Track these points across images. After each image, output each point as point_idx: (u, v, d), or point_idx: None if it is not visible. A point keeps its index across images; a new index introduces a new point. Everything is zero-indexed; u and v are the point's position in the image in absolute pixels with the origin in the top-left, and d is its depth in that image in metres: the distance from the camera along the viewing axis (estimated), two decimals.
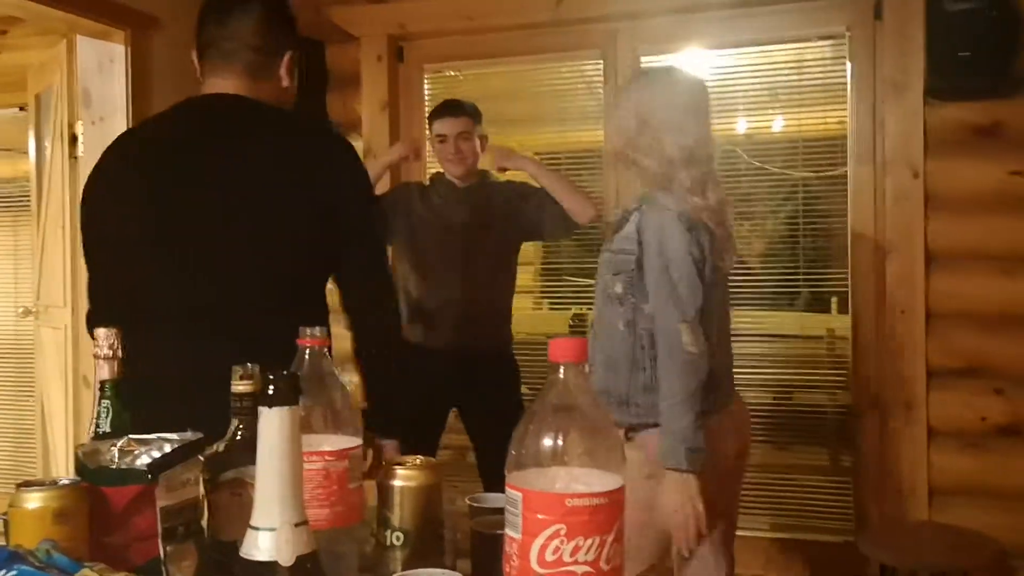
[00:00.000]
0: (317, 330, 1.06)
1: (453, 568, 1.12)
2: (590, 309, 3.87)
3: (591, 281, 3.71)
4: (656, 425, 1.93)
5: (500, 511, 0.96)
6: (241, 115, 1.75)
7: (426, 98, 3.76)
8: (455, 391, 3.01)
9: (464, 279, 2.98)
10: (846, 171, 3.23)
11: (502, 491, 0.88)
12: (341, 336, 1.58)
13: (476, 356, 2.97)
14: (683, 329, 1.88)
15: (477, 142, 3.05)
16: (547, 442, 0.84)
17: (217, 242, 1.67)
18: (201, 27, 1.83)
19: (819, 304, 3.47)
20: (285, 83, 1.82)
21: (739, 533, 2.01)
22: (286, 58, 1.82)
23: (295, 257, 1.69)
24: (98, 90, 3.31)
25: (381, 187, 3.10)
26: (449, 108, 3.07)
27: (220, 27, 1.79)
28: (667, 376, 1.91)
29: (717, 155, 2.07)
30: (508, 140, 3.87)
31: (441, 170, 3.16)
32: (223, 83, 1.76)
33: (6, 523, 1.01)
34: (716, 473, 1.94)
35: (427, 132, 3.20)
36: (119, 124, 3.27)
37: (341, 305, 1.80)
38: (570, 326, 4.01)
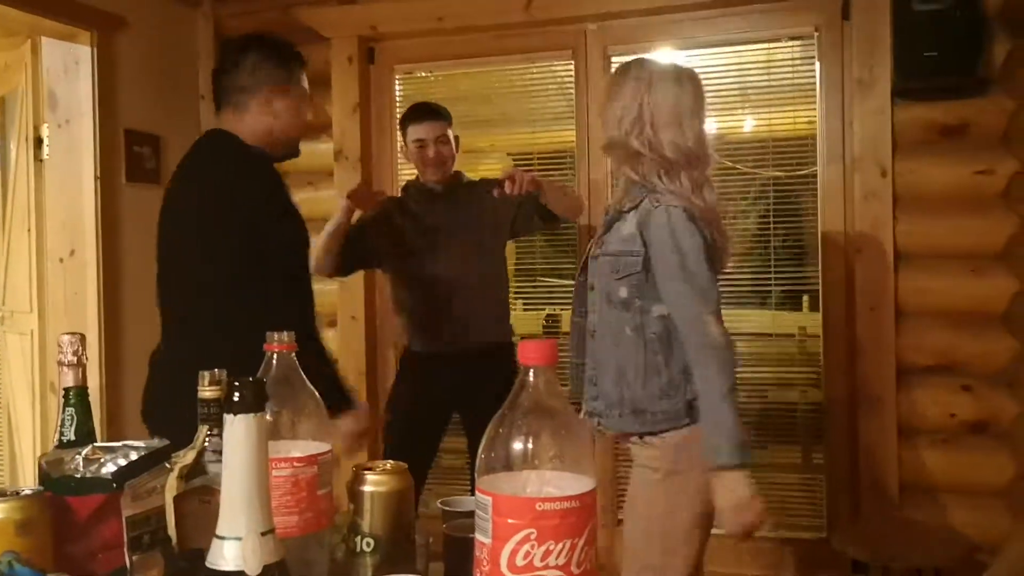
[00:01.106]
0: (285, 335, 1.05)
1: (425, 573, 1.11)
2: (563, 310, 3.89)
3: (564, 282, 3.74)
4: (675, 428, 1.92)
5: (472, 514, 0.95)
6: (196, 147, 2.19)
7: (397, 100, 3.74)
8: (456, 394, 2.98)
9: (454, 280, 2.96)
10: (816, 170, 3.26)
11: None
12: None
13: (475, 355, 2.95)
14: (710, 320, 1.85)
15: (453, 144, 3.04)
16: (517, 445, 0.84)
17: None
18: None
19: (791, 302, 3.50)
20: (261, 115, 2.13)
21: (712, 531, 2.01)
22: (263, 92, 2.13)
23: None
24: (64, 92, 3.27)
25: None
26: (426, 112, 3.02)
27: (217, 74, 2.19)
28: (704, 371, 1.86)
29: (713, 157, 2.05)
30: (480, 141, 3.87)
31: (412, 178, 3.14)
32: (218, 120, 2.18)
33: None
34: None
35: (400, 137, 3.16)
36: (86, 126, 3.24)
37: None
38: (543, 326, 4.00)
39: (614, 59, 3.45)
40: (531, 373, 0.85)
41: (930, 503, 3.06)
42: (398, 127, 3.16)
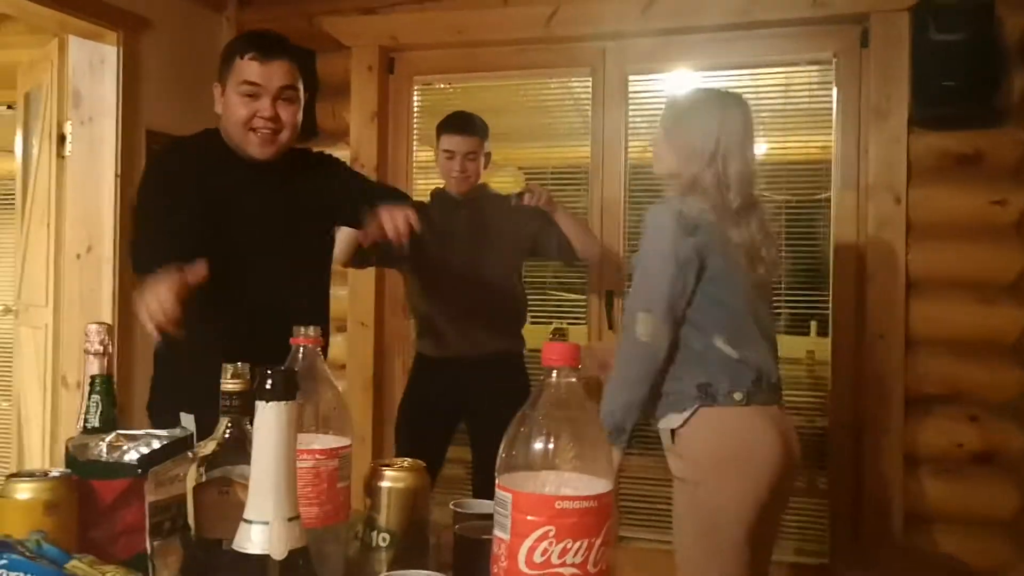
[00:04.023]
0: (311, 329, 1.07)
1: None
2: (571, 324, 3.91)
3: (574, 296, 3.75)
4: (690, 417, 1.99)
5: (484, 517, 0.97)
6: None
7: (415, 109, 3.78)
8: (465, 400, 2.99)
9: (469, 289, 2.96)
10: (829, 195, 3.27)
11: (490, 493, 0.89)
12: None
13: (486, 363, 2.97)
14: (640, 318, 1.97)
15: (483, 161, 3.04)
16: (538, 445, 0.86)
17: None
18: None
19: (799, 326, 3.50)
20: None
21: None
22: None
23: None
24: (88, 90, 3.30)
25: None
26: (459, 125, 3.01)
27: None
28: (618, 358, 2.02)
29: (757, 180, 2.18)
30: (494, 154, 3.89)
31: (440, 186, 3.16)
32: None
33: None
34: (759, 472, 1.96)
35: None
36: (108, 125, 3.27)
37: None
38: (550, 340, 4.02)
39: (632, 78, 3.48)
40: (554, 374, 0.87)
41: (934, 532, 3.06)
42: (435, 131, 3.13)
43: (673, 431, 2.03)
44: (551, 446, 0.86)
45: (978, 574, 2.83)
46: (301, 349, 1.06)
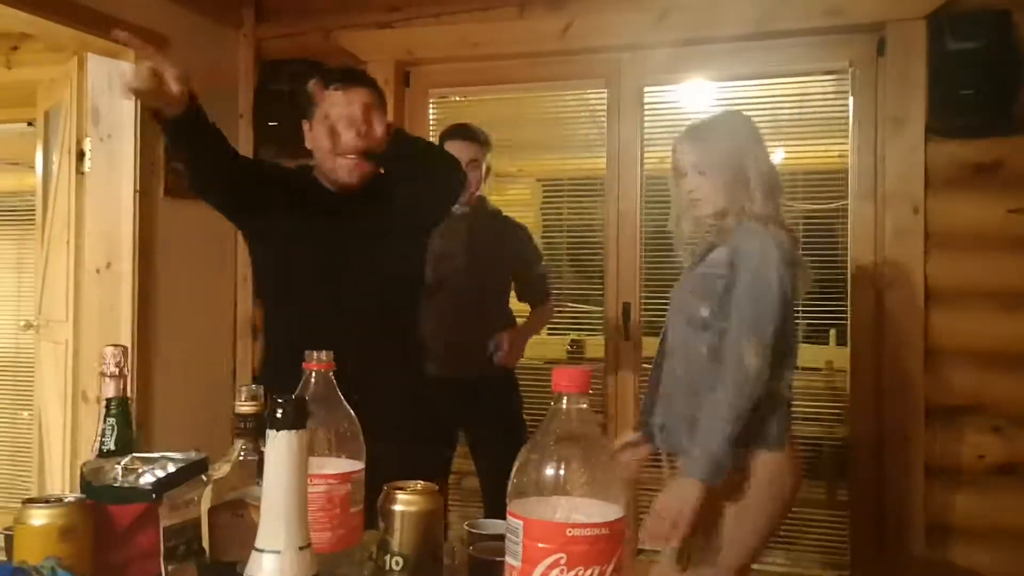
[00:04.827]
0: (323, 354, 1.07)
1: None
2: (588, 335, 3.91)
3: (591, 307, 3.75)
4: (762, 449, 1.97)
5: (498, 538, 0.97)
6: None
7: (431, 123, 3.79)
8: (461, 413, 2.98)
9: (467, 304, 2.97)
10: (846, 204, 3.25)
11: (501, 510, 0.89)
12: None
13: (484, 382, 2.97)
14: (752, 346, 1.89)
15: (483, 171, 3.06)
16: (549, 471, 0.85)
17: None
18: None
19: (817, 336, 3.48)
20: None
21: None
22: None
23: None
24: (107, 107, 3.33)
25: None
26: (461, 132, 3.04)
27: None
28: (723, 389, 1.91)
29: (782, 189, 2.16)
30: (510, 166, 3.90)
31: None
32: None
33: (8, 539, 1.02)
34: (785, 509, 2.01)
35: None
36: (127, 142, 3.30)
37: None
38: (568, 351, 4.01)
39: (647, 89, 3.48)
40: (564, 400, 0.87)
41: (956, 544, 3.02)
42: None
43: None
44: (562, 472, 0.85)
45: None
46: (314, 374, 1.06)
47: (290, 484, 0.79)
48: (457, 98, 3.93)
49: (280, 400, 0.80)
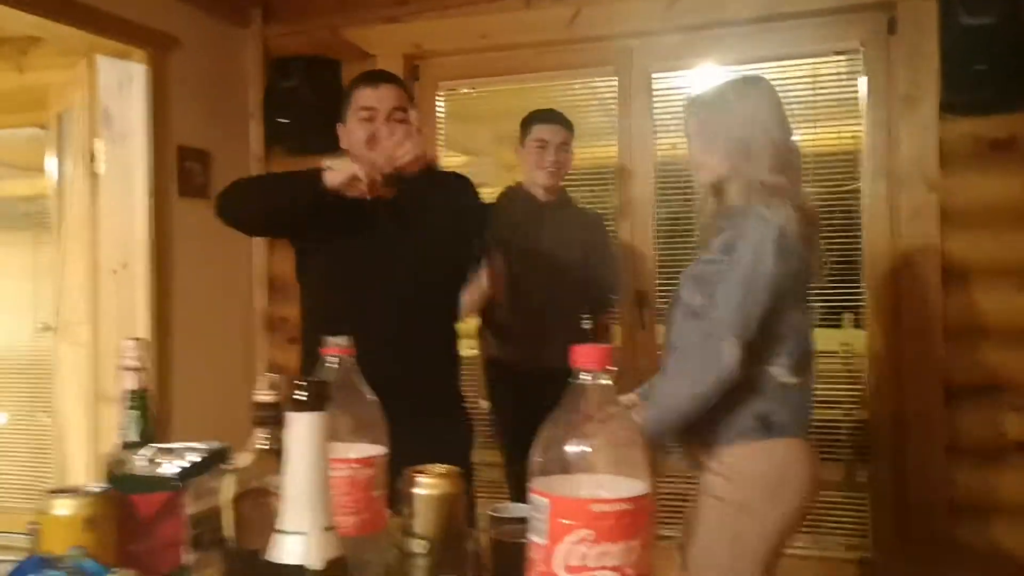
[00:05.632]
0: (343, 339, 1.07)
1: None
2: None
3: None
4: (746, 444, 1.90)
5: (520, 521, 0.96)
6: None
7: (439, 116, 3.78)
8: (529, 406, 2.97)
9: (555, 296, 2.95)
10: (860, 186, 3.23)
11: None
12: None
13: (548, 374, 2.95)
14: (730, 345, 1.82)
15: (570, 156, 3.03)
16: (572, 448, 0.85)
17: None
18: None
19: (834, 319, 3.46)
20: None
21: None
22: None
23: None
24: (118, 109, 3.35)
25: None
26: (550, 116, 3.02)
27: None
28: (692, 371, 1.87)
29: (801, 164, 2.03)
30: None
31: (515, 185, 3.11)
32: None
33: (35, 532, 1.02)
34: (802, 502, 1.92)
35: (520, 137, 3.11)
36: (139, 142, 3.32)
37: None
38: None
39: (656, 76, 3.46)
40: (583, 377, 0.86)
41: (978, 523, 3.00)
42: (520, 126, 3.11)
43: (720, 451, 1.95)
44: (586, 449, 0.85)
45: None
46: (336, 359, 1.06)
47: (312, 466, 0.79)
48: (466, 90, 3.93)
49: (301, 382, 0.80)
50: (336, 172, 1.93)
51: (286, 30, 3.84)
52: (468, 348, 2.99)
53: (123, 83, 3.33)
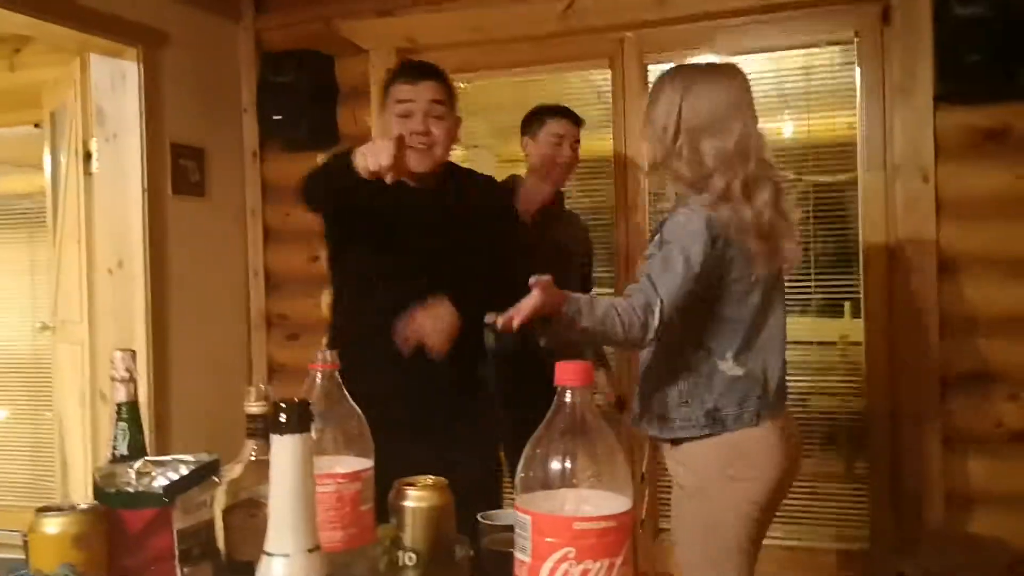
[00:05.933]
0: (328, 354, 1.07)
1: None
2: None
3: (600, 290, 3.73)
4: (699, 438, 1.91)
5: (511, 528, 0.97)
6: None
7: None
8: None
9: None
10: (856, 176, 3.23)
11: None
12: None
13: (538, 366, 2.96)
14: (660, 310, 1.79)
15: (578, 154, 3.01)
16: (555, 465, 0.85)
17: None
18: None
19: (831, 310, 3.46)
20: None
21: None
22: None
23: None
24: (111, 107, 3.34)
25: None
26: (563, 111, 2.96)
27: None
28: (622, 314, 1.79)
29: (766, 150, 1.96)
30: (517, 150, 3.87)
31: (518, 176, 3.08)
32: None
33: (26, 544, 1.03)
34: (763, 485, 1.91)
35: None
36: (133, 140, 3.31)
37: None
38: None
39: (651, 67, 3.45)
40: (568, 394, 0.87)
41: (976, 513, 3.02)
42: (528, 118, 3.05)
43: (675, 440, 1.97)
44: (568, 465, 0.85)
45: (1022, 555, 2.79)
46: (319, 373, 1.06)
47: (296, 487, 0.79)
48: (461, 84, 3.90)
49: (283, 404, 0.80)
50: (363, 157, 1.90)
51: (278, 23, 3.83)
52: None
53: (115, 81, 3.33)
